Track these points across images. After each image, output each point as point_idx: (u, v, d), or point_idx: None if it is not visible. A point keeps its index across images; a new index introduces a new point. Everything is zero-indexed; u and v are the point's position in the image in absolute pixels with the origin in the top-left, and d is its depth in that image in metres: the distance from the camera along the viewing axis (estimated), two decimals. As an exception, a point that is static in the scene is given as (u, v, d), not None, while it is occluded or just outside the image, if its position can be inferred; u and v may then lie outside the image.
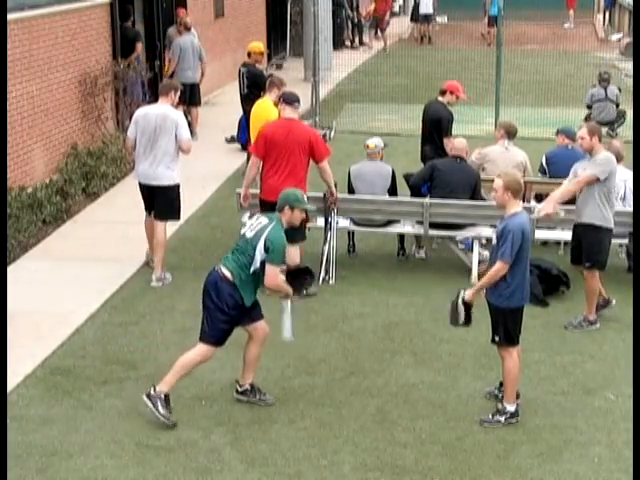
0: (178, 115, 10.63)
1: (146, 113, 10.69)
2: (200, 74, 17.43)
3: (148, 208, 10.90)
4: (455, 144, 11.21)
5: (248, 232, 7.65)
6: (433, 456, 7.24)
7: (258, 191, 10.46)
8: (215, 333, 7.60)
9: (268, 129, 10.23)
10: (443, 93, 12.06)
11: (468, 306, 7.69)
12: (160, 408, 7.51)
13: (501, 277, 7.54)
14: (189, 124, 17.18)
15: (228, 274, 7.55)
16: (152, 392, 7.57)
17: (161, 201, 10.69)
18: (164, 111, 10.54)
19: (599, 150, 9.27)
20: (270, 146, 10.03)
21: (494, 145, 11.73)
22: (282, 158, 9.98)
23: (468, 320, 7.75)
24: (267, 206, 10.14)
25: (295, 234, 9.14)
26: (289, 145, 9.95)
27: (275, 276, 7.56)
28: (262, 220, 7.68)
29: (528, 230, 7.60)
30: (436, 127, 11.91)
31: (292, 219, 7.71)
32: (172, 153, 10.52)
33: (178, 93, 10.79)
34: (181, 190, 10.74)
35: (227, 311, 7.54)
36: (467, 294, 7.71)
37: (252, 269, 7.54)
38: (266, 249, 7.47)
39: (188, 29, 17.06)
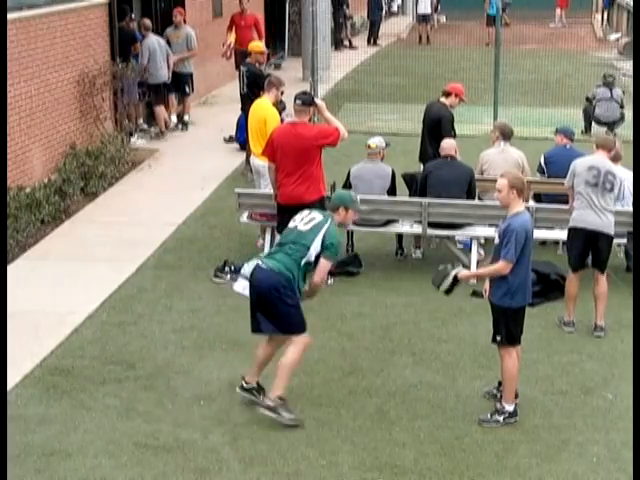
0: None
1: None
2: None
3: None
4: (443, 145, 11.26)
5: (301, 225, 7.70)
6: (432, 456, 7.24)
7: (254, 190, 10.43)
8: (300, 319, 7.65)
9: (275, 134, 10.14)
10: (447, 95, 12.03)
11: (456, 281, 7.75)
12: (285, 414, 7.56)
13: (503, 276, 7.54)
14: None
15: (282, 268, 7.52)
16: (270, 403, 7.56)
17: None
18: None
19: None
20: (278, 152, 9.94)
21: (490, 149, 11.77)
22: (292, 163, 9.86)
23: (449, 291, 7.83)
24: (284, 210, 10.09)
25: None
26: (296, 150, 9.82)
27: (326, 272, 7.77)
28: (316, 216, 7.74)
29: (530, 230, 7.60)
30: (438, 127, 11.90)
31: (345, 219, 7.86)
32: None
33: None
34: (179, 190, 10.75)
35: (295, 297, 7.57)
36: (463, 273, 7.78)
37: (304, 261, 7.58)
38: (324, 245, 7.57)
39: (148, 29, 16.87)
